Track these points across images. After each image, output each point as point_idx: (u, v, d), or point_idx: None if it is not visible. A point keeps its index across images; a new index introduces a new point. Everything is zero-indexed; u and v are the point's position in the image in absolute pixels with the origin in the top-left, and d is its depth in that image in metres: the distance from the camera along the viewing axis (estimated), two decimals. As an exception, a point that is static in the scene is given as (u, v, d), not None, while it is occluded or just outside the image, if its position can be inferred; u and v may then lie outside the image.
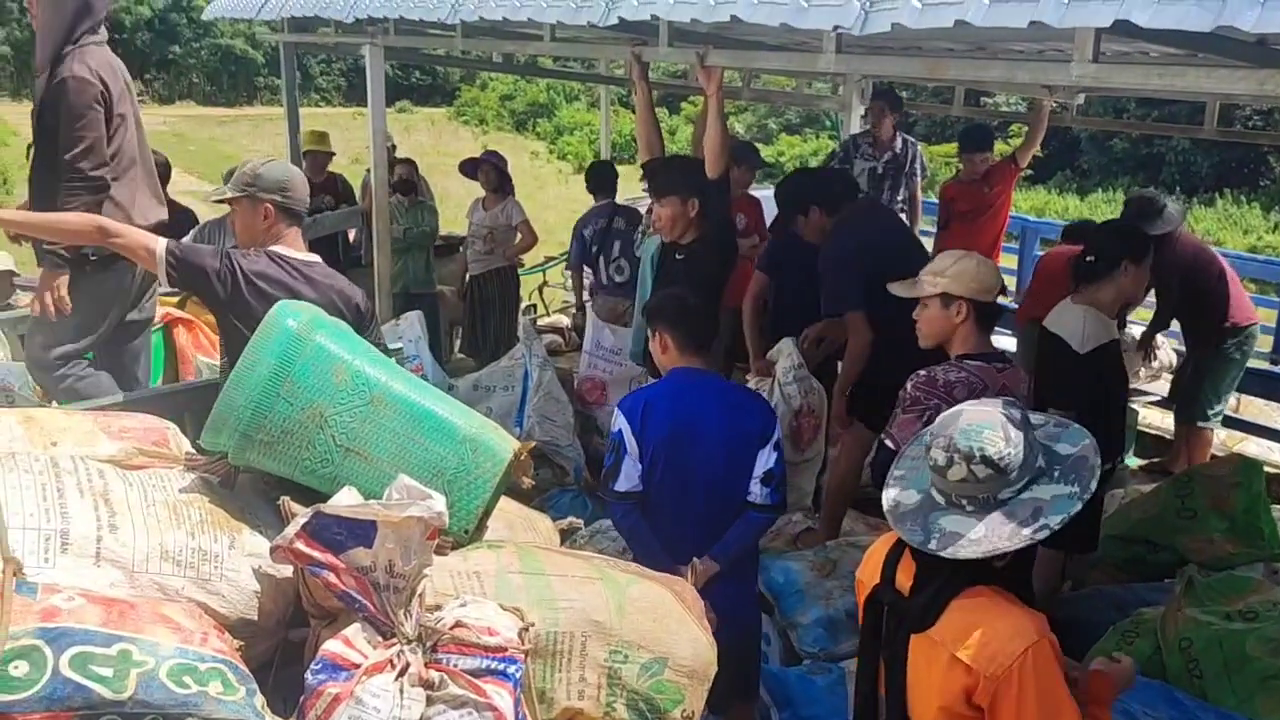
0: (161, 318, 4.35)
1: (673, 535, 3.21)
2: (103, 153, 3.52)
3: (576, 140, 39.44)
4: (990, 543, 1.93)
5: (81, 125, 3.47)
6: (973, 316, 3.16)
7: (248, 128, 38.00)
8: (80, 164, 3.47)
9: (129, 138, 3.66)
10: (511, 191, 7.35)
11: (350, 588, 1.95)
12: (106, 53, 3.65)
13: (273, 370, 2.18)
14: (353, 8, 5.24)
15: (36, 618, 1.66)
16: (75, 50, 3.54)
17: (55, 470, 2.07)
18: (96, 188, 3.51)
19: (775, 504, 3.24)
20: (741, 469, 3.20)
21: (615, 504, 3.26)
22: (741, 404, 3.29)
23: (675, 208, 4.17)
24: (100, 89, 3.50)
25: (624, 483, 3.20)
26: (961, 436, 1.99)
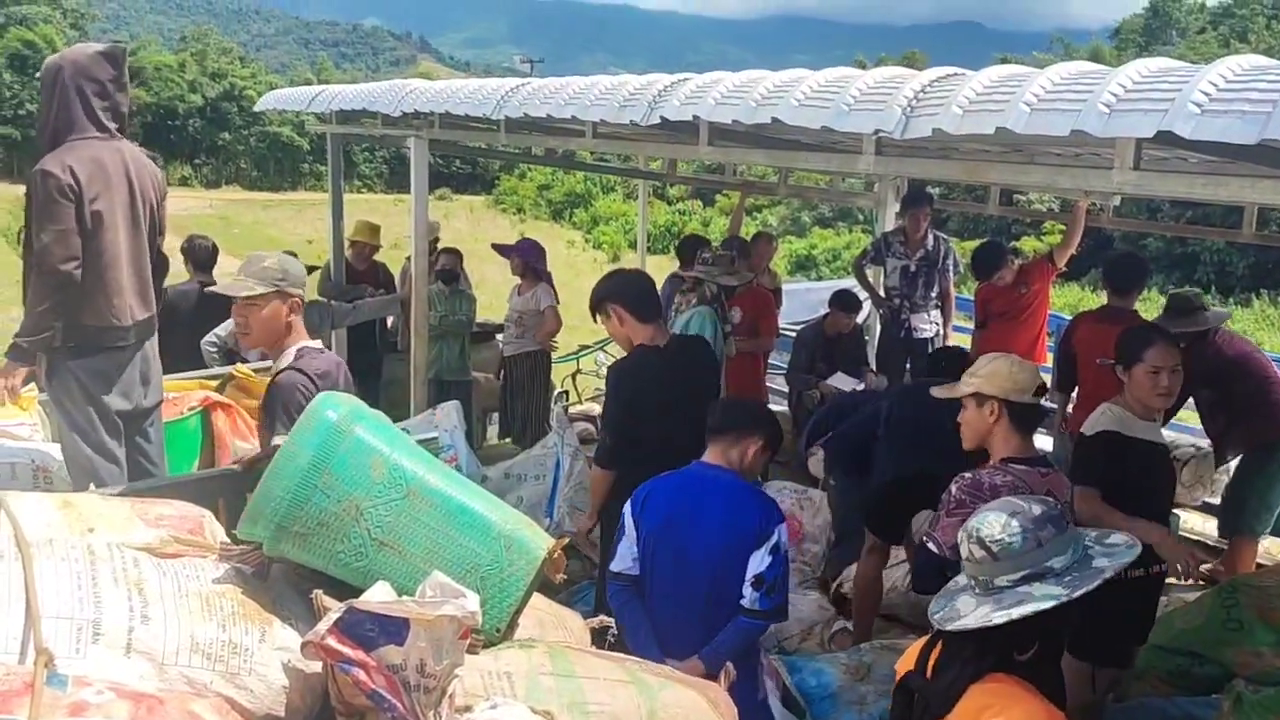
0: (200, 402, 4.39)
1: (671, 625, 3.23)
2: (70, 246, 3.46)
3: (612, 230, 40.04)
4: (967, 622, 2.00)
5: (46, 217, 3.44)
6: (1006, 417, 3.16)
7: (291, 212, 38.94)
8: (46, 258, 3.44)
9: (112, 237, 3.59)
10: (546, 278, 7.44)
11: (380, 686, 1.91)
12: (101, 149, 3.60)
13: (311, 461, 2.18)
14: (399, 103, 5.38)
15: (65, 712, 1.64)
16: (68, 144, 3.56)
17: (91, 558, 2.06)
18: (62, 281, 3.46)
19: (765, 610, 3.19)
20: (736, 569, 3.18)
21: (610, 582, 3.36)
22: (744, 503, 3.26)
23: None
24: (69, 183, 3.44)
25: (617, 563, 3.32)
26: (976, 521, 2.10)
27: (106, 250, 3.57)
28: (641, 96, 3.77)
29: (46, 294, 3.47)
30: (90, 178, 3.50)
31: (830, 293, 7.61)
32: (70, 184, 3.44)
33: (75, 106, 3.59)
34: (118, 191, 3.62)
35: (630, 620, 3.24)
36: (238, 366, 4.96)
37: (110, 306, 3.61)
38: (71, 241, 3.46)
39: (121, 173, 3.64)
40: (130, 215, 3.68)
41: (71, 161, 3.48)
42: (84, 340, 3.59)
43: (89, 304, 3.56)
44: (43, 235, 3.43)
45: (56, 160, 3.47)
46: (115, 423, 3.63)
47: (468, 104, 4.81)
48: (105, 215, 3.56)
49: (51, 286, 3.46)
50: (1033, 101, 2.50)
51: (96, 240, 3.54)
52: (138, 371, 3.70)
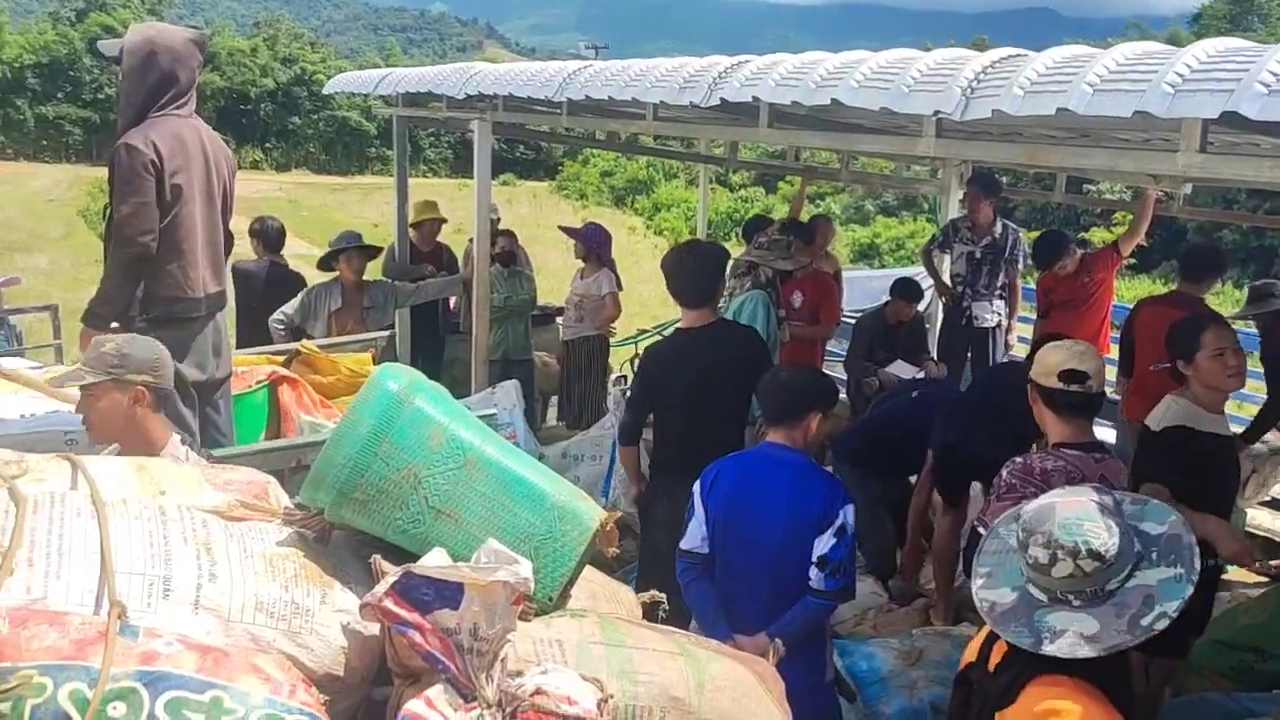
0: (268, 376, 4.51)
1: (738, 603, 3.29)
2: (148, 219, 3.57)
3: (673, 217, 39.97)
4: (1110, 640, 1.91)
5: (129, 190, 3.55)
6: (1041, 400, 3.15)
7: (358, 195, 39.47)
8: (124, 229, 3.56)
9: (189, 211, 3.69)
10: (609, 264, 7.48)
11: (435, 648, 1.97)
12: (181, 125, 3.70)
13: (372, 430, 2.24)
14: (464, 85, 5.45)
15: (136, 660, 1.71)
16: (149, 120, 3.65)
17: (163, 518, 2.15)
18: (139, 253, 3.58)
19: (831, 590, 3.21)
20: (802, 550, 3.21)
21: (679, 559, 3.40)
22: (809, 486, 3.27)
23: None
24: (151, 158, 3.54)
25: (687, 541, 3.36)
26: (1063, 531, 1.97)
27: (183, 224, 3.68)
28: (702, 78, 3.78)
29: (123, 264, 3.59)
30: (171, 152, 3.61)
31: (891, 281, 7.54)
32: (152, 159, 3.55)
33: (163, 86, 3.70)
34: (195, 167, 3.72)
35: (698, 597, 3.30)
36: (304, 343, 5.08)
37: (186, 278, 3.72)
38: (150, 214, 3.58)
39: (199, 149, 3.75)
40: (206, 190, 3.78)
41: (154, 137, 3.59)
42: (160, 311, 3.71)
43: (165, 275, 3.68)
44: (123, 207, 3.55)
45: (140, 135, 3.59)
46: (190, 393, 3.74)
47: (530, 86, 4.86)
48: (184, 189, 3.66)
49: (128, 258, 3.58)
50: (1095, 82, 2.47)
51: (174, 214, 3.65)
52: (210, 343, 3.81)
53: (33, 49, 47.31)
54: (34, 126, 46.48)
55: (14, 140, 46.13)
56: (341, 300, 6.19)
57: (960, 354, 7.44)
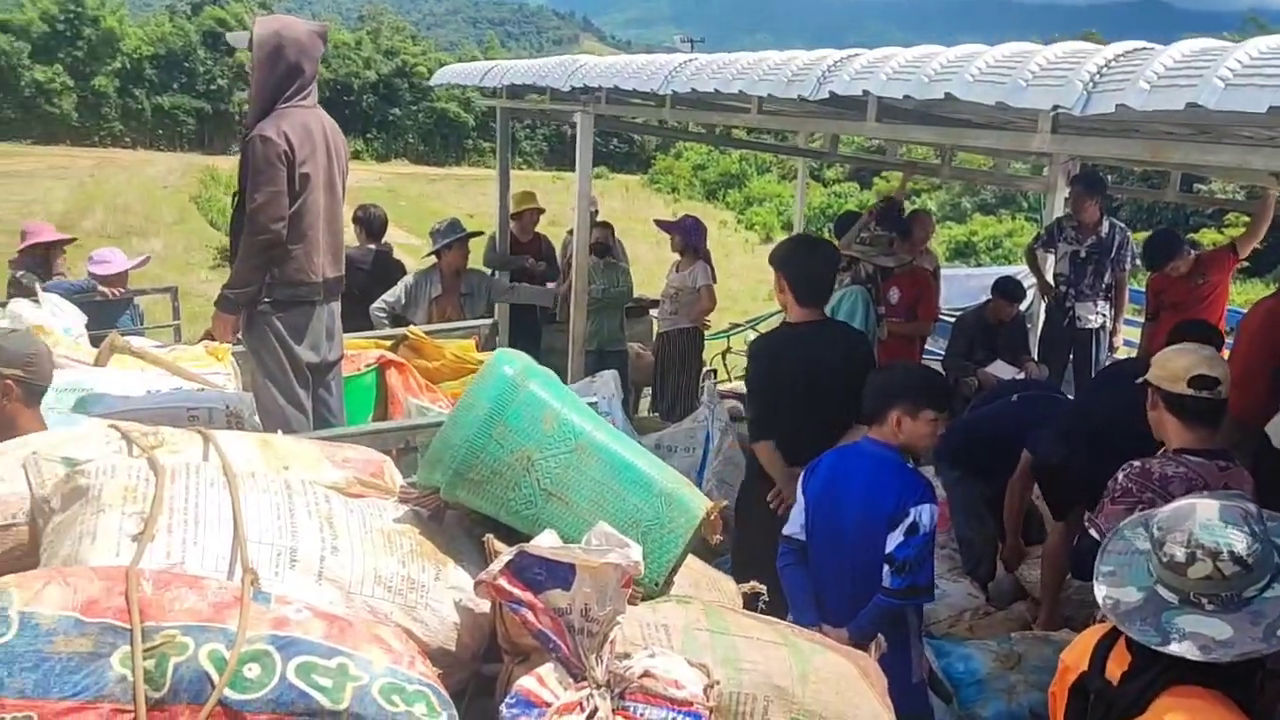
0: (376, 359, 4.64)
1: (826, 593, 3.32)
2: (280, 206, 3.71)
3: (765, 211, 39.75)
4: (1244, 645, 1.86)
5: (262, 179, 3.69)
6: (1163, 405, 3.05)
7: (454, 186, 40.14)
8: (258, 216, 3.70)
9: (314, 198, 3.82)
10: (705, 256, 7.50)
11: (546, 627, 2.02)
12: (308, 115, 3.84)
13: (488, 413, 2.30)
14: (569, 78, 5.51)
15: (269, 625, 1.79)
16: (278, 111, 3.79)
17: (288, 492, 2.24)
18: (271, 240, 3.72)
19: (897, 589, 3.18)
20: (874, 546, 3.20)
21: (781, 543, 3.44)
22: (884, 482, 3.24)
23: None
24: (284, 148, 3.68)
25: (789, 526, 3.42)
26: (1204, 532, 1.93)
27: (309, 210, 3.82)
28: (810, 72, 3.77)
29: (255, 251, 3.74)
30: (300, 142, 3.75)
31: (992, 279, 7.41)
32: (285, 149, 3.70)
33: (290, 77, 3.84)
34: (320, 156, 3.86)
35: (793, 583, 3.34)
36: (411, 328, 5.21)
37: (309, 263, 3.85)
38: (281, 202, 3.72)
39: (323, 139, 3.88)
40: (328, 179, 3.92)
41: (286, 127, 3.73)
42: (283, 295, 3.85)
43: (290, 260, 3.82)
44: (257, 195, 3.69)
45: (273, 126, 3.73)
46: (305, 374, 3.88)
47: (635, 79, 4.90)
48: (311, 178, 3.80)
49: (261, 244, 3.73)
50: (1228, 77, 2.40)
51: (302, 201, 3.79)
52: (324, 326, 3.94)
53: (151, 41, 49.21)
54: (151, 116, 48.39)
55: (132, 129, 48.08)
56: (441, 288, 6.34)
57: (1062, 355, 7.28)
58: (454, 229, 6.58)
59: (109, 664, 1.65)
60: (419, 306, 6.27)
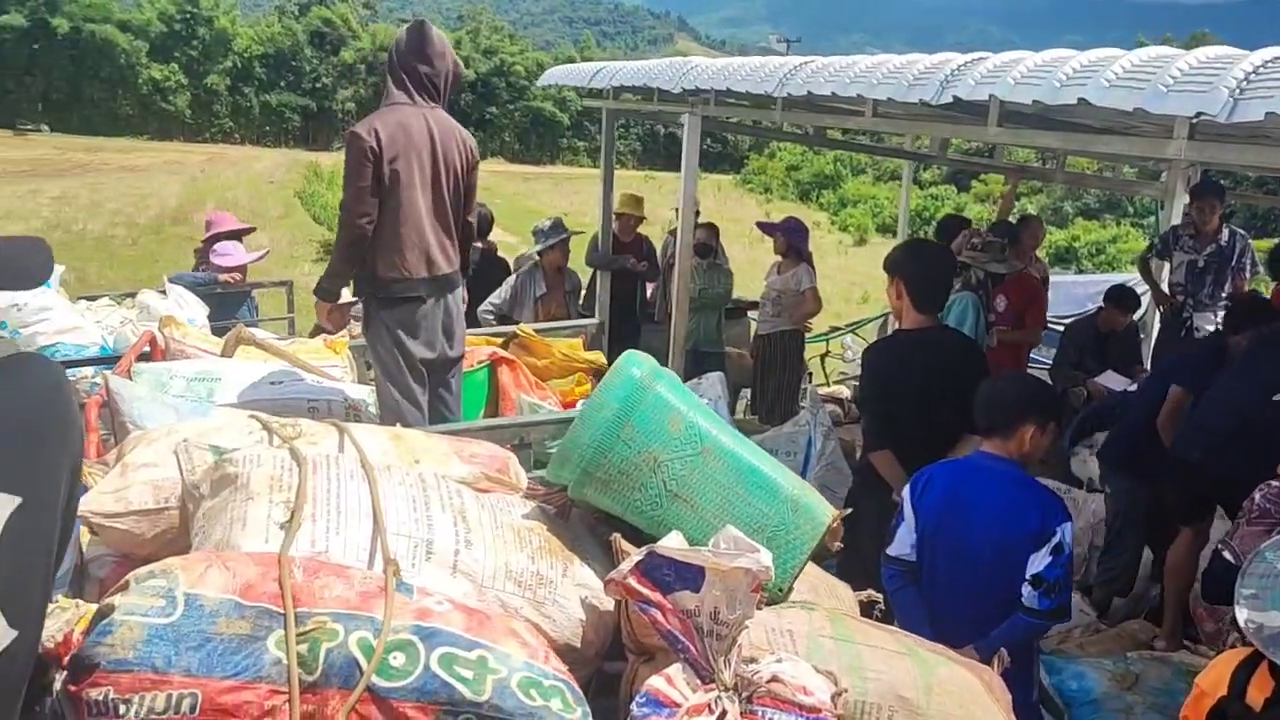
0: (488, 356, 4.72)
1: (943, 614, 3.20)
2: (365, 202, 3.80)
3: (859, 213, 39.32)
4: None
5: (350, 174, 3.80)
6: None
7: (549, 185, 40.54)
8: (345, 210, 3.84)
9: (409, 196, 3.88)
10: (807, 258, 7.46)
11: (674, 628, 2.04)
12: (410, 114, 3.90)
13: (616, 414, 2.33)
14: (680, 79, 5.53)
15: (412, 615, 1.85)
16: (381, 110, 3.91)
17: (422, 485, 2.30)
18: (358, 234, 3.83)
19: (1045, 610, 3.11)
20: (1013, 566, 3.13)
21: (885, 566, 3.35)
22: (1025, 501, 3.18)
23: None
24: (371, 145, 3.77)
25: (895, 547, 3.32)
26: None
27: (402, 208, 3.88)
28: (933, 76, 3.73)
29: (344, 243, 3.88)
30: (391, 140, 3.82)
31: (1098, 287, 7.23)
32: (372, 146, 3.78)
33: (392, 78, 3.96)
34: (418, 155, 3.90)
35: (905, 605, 3.26)
36: (520, 326, 5.30)
37: (402, 260, 3.92)
38: (367, 198, 3.81)
39: (425, 138, 3.93)
40: (430, 178, 3.96)
41: (377, 125, 3.82)
42: (384, 291, 3.95)
43: (384, 256, 3.90)
44: (346, 190, 3.83)
45: (366, 124, 3.84)
46: (420, 369, 3.97)
47: (749, 81, 4.90)
48: (403, 175, 3.86)
49: (348, 237, 3.86)
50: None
51: (393, 198, 3.86)
52: (439, 323, 4.02)
53: (260, 41, 50.79)
54: (259, 113, 49.93)
55: (240, 126, 49.69)
56: (546, 286, 6.45)
57: (1177, 367, 7.04)
58: (557, 229, 6.68)
59: (265, 646, 1.72)
60: (525, 306, 6.38)
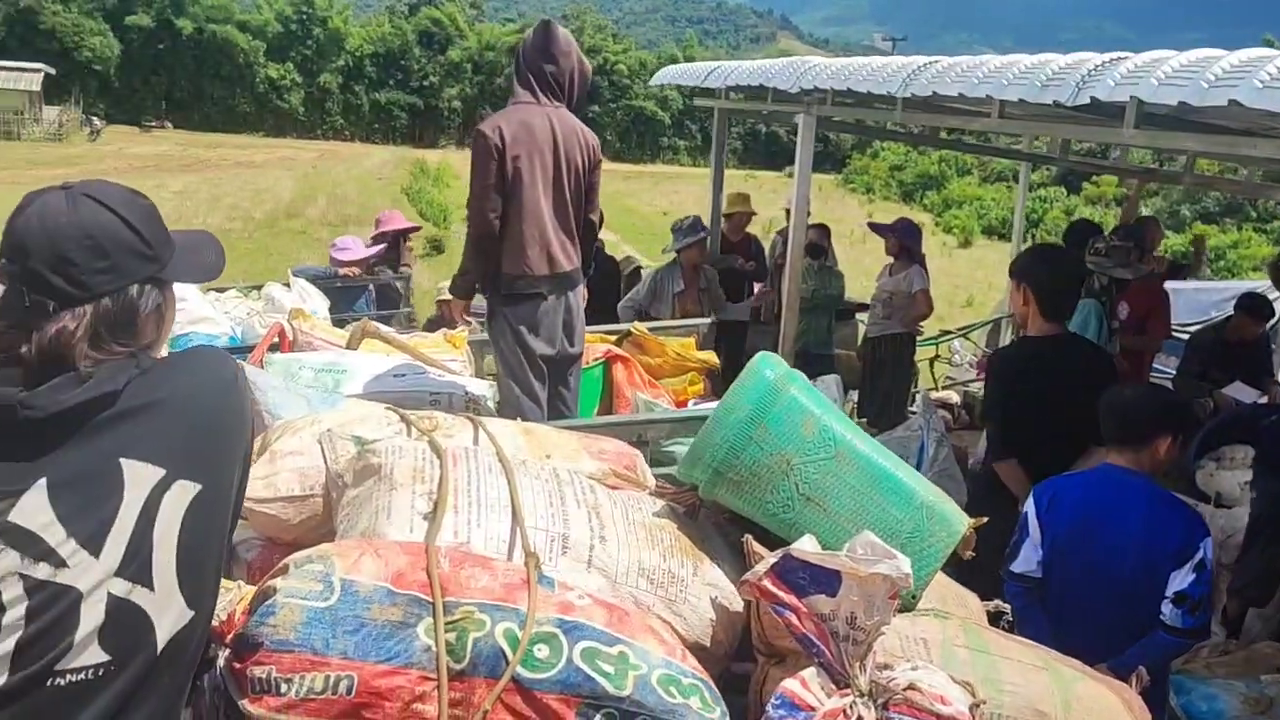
0: (603, 354, 4.76)
1: (1071, 630, 3.09)
2: (490, 199, 3.86)
3: (964, 214, 38.54)
4: None
5: (475, 172, 3.87)
6: None
7: (648, 183, 40.66)
8: (472, 207, 3.91)
9: (531, 194, 3.91)
10: (920, 260, 7.34)
11: (810, 632, 2.03)
12: (534, 113, 3.94)
13: (749, 415, 2.33)
14: (798, 79, 5.50)
15: (555, 609, 1.88)
16: (506, 109, 3.95)
17: (556, 480, 2.33)
18: (484, 231, 3.89)
19: (1189, 628, 3.02)
20: (1154, 583, 3.03)
21: (1009, 583, 3.24)
22: (1166, 516, 3.08)
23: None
24: (495, 143, 3.82)
25: (1020, 564, 3.21)
26: None
27: (526, 205, 3.92)
28: (1068, 76, 3.63)
29: (471, 240, 3.95)
30: (515, 138, 3.87)
31: (1223, 294, 6.95)
32: (496, 144, 3.84)
33: (517, 77, 4.01)
34: (540, 153, 3.94)
35: (1032, 623, 3.17)
36: (635, 324, 5.33)
37: (524, 257, 3.96)
38: (492, 195, 3.87)
39: (548, 136, 3.97)
40: (552, 176, 3.99)
41: (501, 123, 3.88)
42: (507, 287, 4.00)
43: (507, 253, 3.96)
44: (472, 188, 3.90)
45: (490, 122, 3.90)
46: (540, 366, 4.02)
47: (870, 81, 4.84)
48: (525, 173, 3.89)
49: (475, 235, 3.93)
50: None
51: (515, 195, 3.90)
52: (560, 320, 4.06)
53: (371, 40, 52.12)
54: (368, 111, 51.24)
55: (351, 123, 51.10)
56: (684, 284, 6.53)
57: (1312, 379, 6.75)
58: (695, 228, 6.75)
59: (416, 634, 1.77)
60: (663, 302, 6.48)
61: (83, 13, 50.18)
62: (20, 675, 1.42)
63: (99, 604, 1.46)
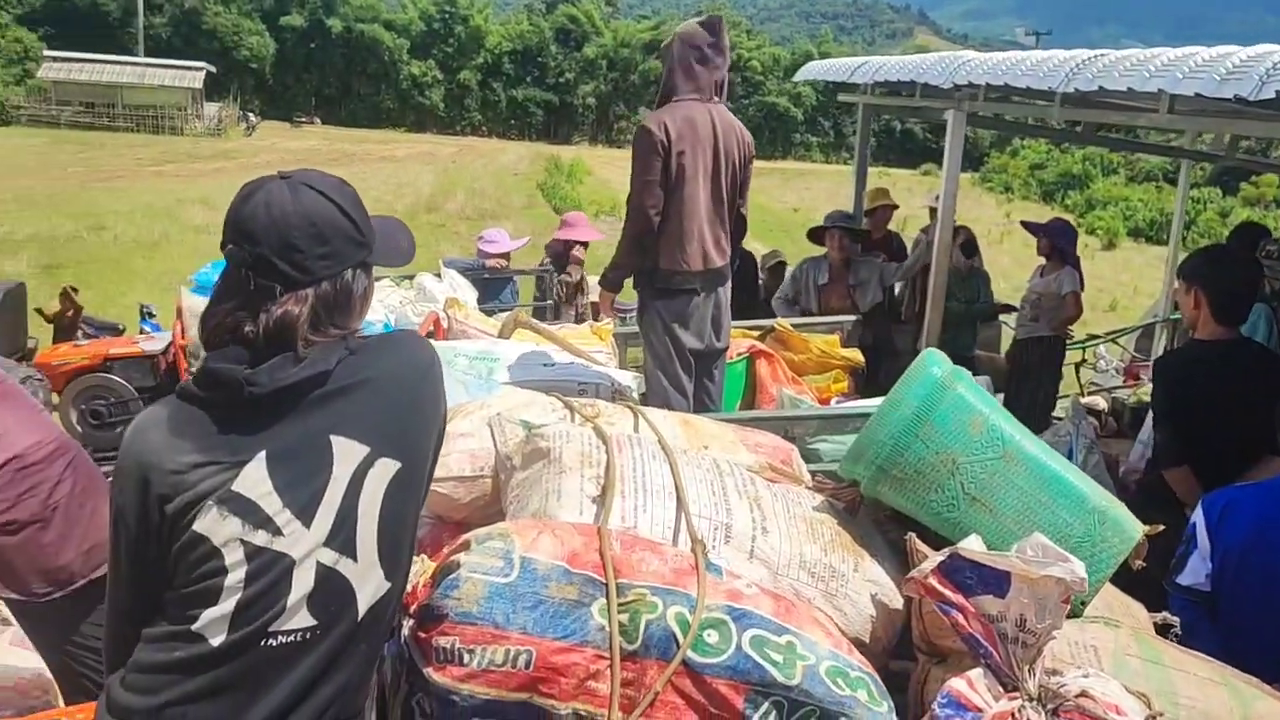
0: (747, 349, 4.77)
1: (1246, 647, 2.94)
2: (653, 195, 3.88)
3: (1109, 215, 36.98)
4: None
5: (639, 168, 3.89)
6: None
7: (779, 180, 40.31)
8: (631, 203, 3.92)
9: (692, 190, 3.93)
10: (1073, 262, 7.10)
11: (977, 632, 2.00)
12: (697, 109, 3.96)
13: (915, 412, 2.31)
14: (951, 74, 5.39)
15: (724, 596, 1.90)
16: (669, 105, 3.96)
17: (718, 470, 2.36)
18: (644, 226, 3.91)
19: None
20: None
21: (1175, 596, 3.07)
22: None
23: None
24: (661, 139, 3.84)
25: (1187, 577, 3.04)
26: None
27: (686, 201, 3.95)
28: (1252, 69, 3.46)
29: (630, 235, 3.97)
30: (680, 134, 3.89)
31: None
32: (662, 140, 3.87)
33: (679, 73, 4.02)
34: (703, 149, 3.97)
35: (1200, 638, 3.04)
36: (779, 320, 5.31)
37: (683, 252, 4.00)
38: (655, 191, 3.89)
39: (709, 132, 4.00)
40: (711, 171, 4.02)
41: (666, 119, 3.91)
42: (663, 281, 4.04)
43: (665, 248, 3.99)
44: (634, 183, 3.93)
45: (655, 118, 3.93)
46: (688, 359, 4.06)
47: (1030, 76, 4.71)
48: (688, 169, 3.92)
49: (635, 230, 3.95)
50: None
51: (678, 191, 3.93)
52: (709, 315, 4.09)
53: (510, 38, 53.20)
54: (505, 107, 52.34)
55: (488, 119, 52.29)
56: (829, 276, 6.46)
57: None
58: (832, 219, 6.70)
59: (590, 613, 1.82)
60: (809, 294, 6.45)
61: (242, 13, 52.70)
62: (239, 634, 1.53)
63: (309, 571, 1.56)
